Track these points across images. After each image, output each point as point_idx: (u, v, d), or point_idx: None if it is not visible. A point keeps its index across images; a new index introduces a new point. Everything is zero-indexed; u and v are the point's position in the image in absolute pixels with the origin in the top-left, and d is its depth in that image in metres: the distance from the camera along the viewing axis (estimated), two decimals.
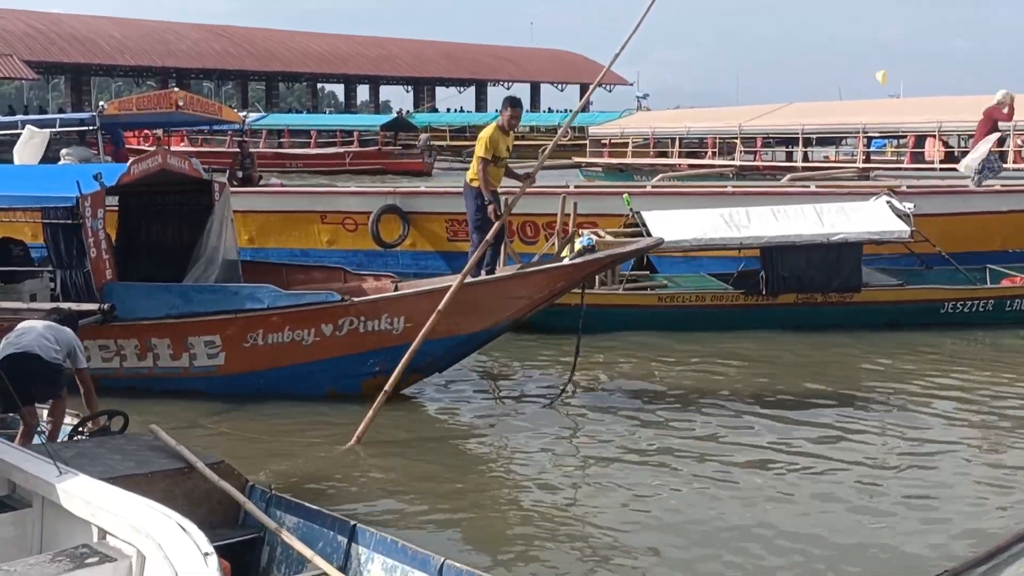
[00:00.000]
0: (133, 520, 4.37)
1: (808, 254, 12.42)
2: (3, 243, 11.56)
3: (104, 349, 9.76)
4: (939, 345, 12.21)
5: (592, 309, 11.11)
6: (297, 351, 9.67)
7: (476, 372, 11.32)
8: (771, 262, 12.47)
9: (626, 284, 12.85)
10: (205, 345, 9.77)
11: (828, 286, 12.52)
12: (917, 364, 11.47)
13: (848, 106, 35.39)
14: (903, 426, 9.31)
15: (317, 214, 16.85)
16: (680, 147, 35.28)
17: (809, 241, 12.39)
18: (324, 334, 9.62)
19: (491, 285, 9.78)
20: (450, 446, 9.10)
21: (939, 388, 10.59)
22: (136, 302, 9.82)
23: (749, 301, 12.55)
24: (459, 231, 16.45)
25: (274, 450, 8.63)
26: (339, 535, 5.56)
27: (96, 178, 9.63)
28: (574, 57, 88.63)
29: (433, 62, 76.68)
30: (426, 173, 39.98)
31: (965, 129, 28.69)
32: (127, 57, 60.44)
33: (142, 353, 9.86)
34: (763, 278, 12.50)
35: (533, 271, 10.03)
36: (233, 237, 11.31)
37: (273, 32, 72.84)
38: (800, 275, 12.44)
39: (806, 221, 12.59)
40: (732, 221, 12.58)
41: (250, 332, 9.68)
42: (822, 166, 29.46)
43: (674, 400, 10.16)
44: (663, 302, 12.56)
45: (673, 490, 7.78)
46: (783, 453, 8.58)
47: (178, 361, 9.85)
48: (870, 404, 10.01)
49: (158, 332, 9.81)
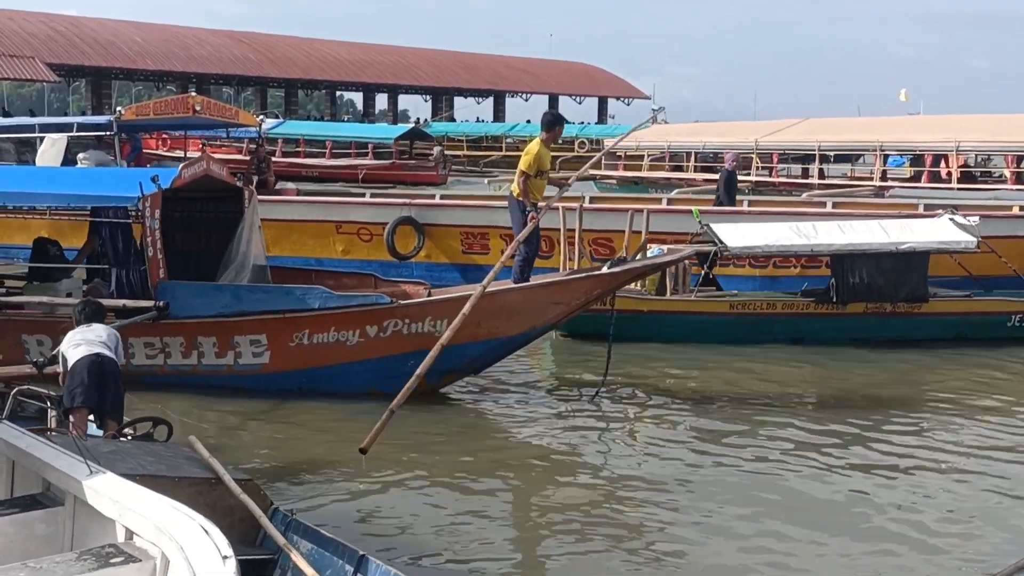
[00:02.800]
0: (158, 520, 4.38)
1: (878, 262, 12.64)
2: (41, 243, 11.75)
3: (149, 346, 9.97)
4: (1005, 359, 12.27)
5: (664, 316, 12.14)
6: (341, 351, 9.97)
7: (520, 376, 11.56)
8: (842, 269, 12.67)
9: (697, 292, 12.96)
10: (251, 344, 10.02)
11: (896, 295, 12.71)
12: (986, 379, 11.56)
13: (865, 123, 35.27)
14: (968, 443, 9.26)
15: (332, 224, 16.90)
16: (696, 161, 35.23)
17: (879, 249, 12.59)
18: (368, 335, 9.94)
19: (532, 291, 10.24)
20: (483, 453, 9.05)
21: (1011, 404, 10.62)
22: (188, 300, 9.98)
23: (819, 310, 12.69)
24: (474, 244, 16.49)
25: (305, 461, 8.68)
26: (348, 564, 5.58)
27: (154, 180, 9.87)
28: (593, 69, 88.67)
29: (452, 72, 76.83)
30: (440, 183, 40.06)
31: (983, 148, 28.61)
32: (148, 61, 60.74)
33: (187, 351, 10.06)
34: (833, 285, 12.67)
35: (572, 278, 10.51)
36: (261, 243, 11.48)
37: (293, 39, 73.09)
38: (870, 283, 12.65)
39: (872, 233, 12.84)
40: (801, 232, 12.82)
41: (296, 332, 9.95)
42: (839, 184, 29.38)
43: (733, 409, 10.23)
44: (734, 309, 12.69)
45: (727, 502, 7.74)
46: (835, 463, 8.63)
47: (223, 359, 10.07)
48: (936, 419, 10.07)
49: (205, 330, 9.99)
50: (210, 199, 11.44)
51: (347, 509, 7.55)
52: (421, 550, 6.83)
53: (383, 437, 8.78)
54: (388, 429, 8.75)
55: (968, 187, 26.87)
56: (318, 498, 7.73)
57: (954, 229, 12.88)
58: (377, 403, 9.76)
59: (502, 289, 10.38)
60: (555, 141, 11.01)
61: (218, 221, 11.42)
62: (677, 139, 37.87)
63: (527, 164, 10.51)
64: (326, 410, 9.96)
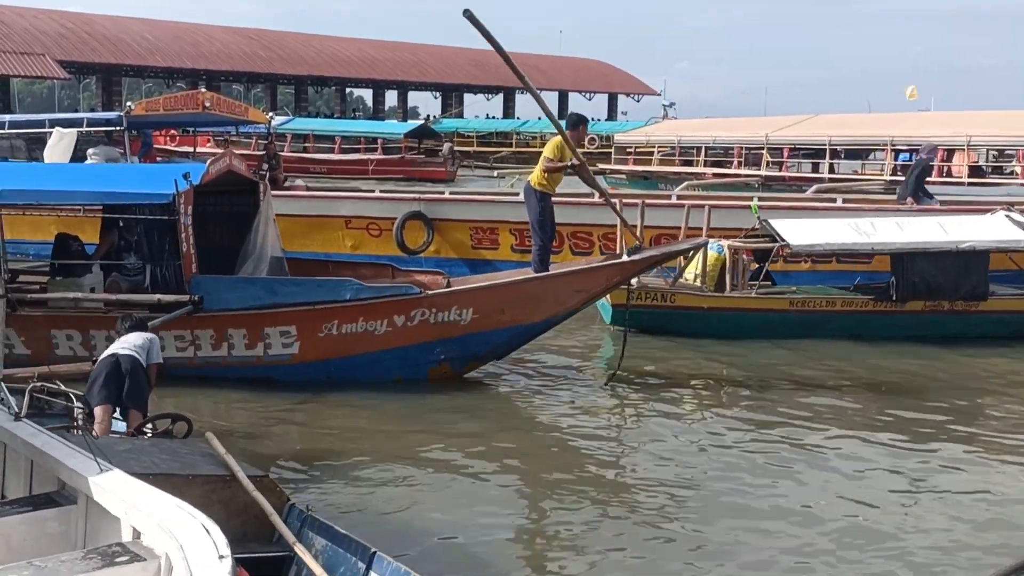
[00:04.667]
0: (161, 519, 4.38)
1: (938, 261, 12.66)
2: (63, 238, 11.85)
3: (180, 339, 10.10)
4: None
5: (724, 312, 12.39)
6: (369, 340, 10.17)
7: (564, 369, 11.69)
8: (902, 268, 12.72)
9: (758, 289, 12.98)
10: (281, 335, 10.20)
11: (956, 293, 12.73)
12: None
13: (876, 119, 35.16)
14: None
15: (342, 219, 16.89)
16: (706, 156, 35.17)
17: (939, 248, 12.64)
18: (396, 324, 10.16)
19: (555, 280, 10.59)
20: (510, 445, 9.01)
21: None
22: (221, 294, 10.14)
23: (878, 307, 12.76)
24: (483, 239, 16.47)
25: (328, 454, 8.69)
26: (360, 561, 5.57)
27: (186, 177, 10.03)
28: (602, 66, 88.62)
29: (461, 69, 76.82)
30: (449, 179, 40.11)
31: (994, 143, 28.52)
32: (158, 58, 60.90)
33: (217, 343, 10.20)
34: (893, 284, 12.73)
35: (592, 267, 10.85)
36: (277, 236, 11.58)
37: (303, 36, 73.21)
38: (929, 281, 12.67)
39: (931, 231, 12.90)
40: (860, 229, 12.90)
41: (326, 323, 10.14)
42: (849, 178, 29.30)
43: (784, 401, 10.25)
44: (794, 306, 12.76)
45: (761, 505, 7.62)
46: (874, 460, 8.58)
47: (253, 350, 10.23)
48: (993, 419, 10.00)
49: (235, 323, 10.16)
50: (226, 193, 11.50)
51: (367, 503, 7.51)
52: (438, 546, 6.79)
53: (403, 429, 8.99)
54: (411, 420, 9.09)
55: (978, 181, 26.80)
56: (337, 493, 7.70)
57: (1012, 227, 13.01)
58: (399, 398, 10.02)
59: (524, 278, 10.73)
60: (578, 142, 11.28)
61: (233, 215, 11.50)
62: (687, 134, 37.83)
63: (551, 152, 10.85)
64: (349, 404, 10.04)
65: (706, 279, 12.83)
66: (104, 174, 12.32)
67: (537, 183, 11.05)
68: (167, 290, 10.13)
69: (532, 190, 11.10)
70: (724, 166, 34.44)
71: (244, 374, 10.21)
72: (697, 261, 12.86)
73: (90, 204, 11.86)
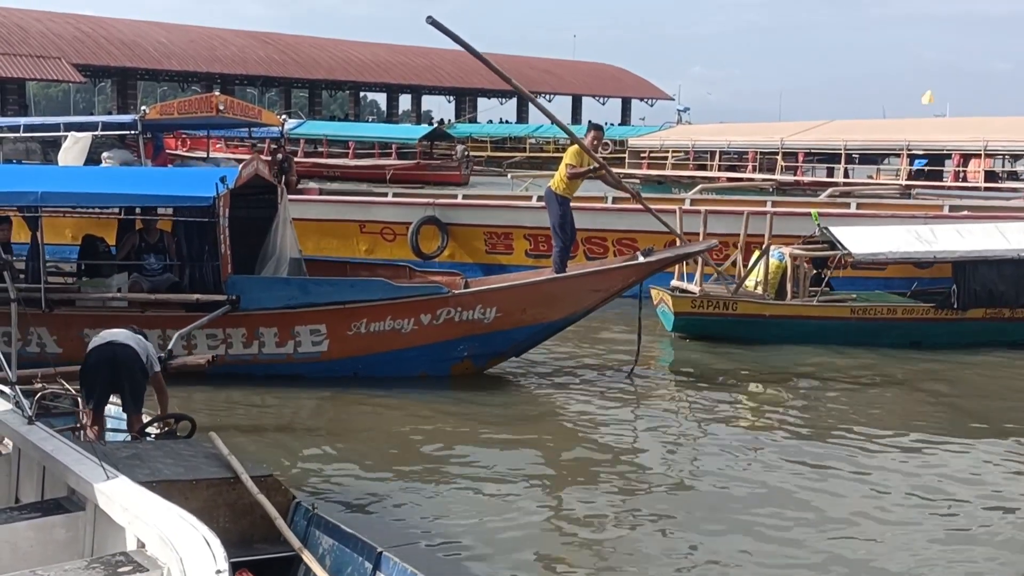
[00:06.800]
0: (163, 531, 4.37)
1: (1000, 268, 12.73)
2: (90, 240, 11.96)
3: (212, 337, 10.29)
4: None
5: (786, 320, 12.59)
6: (396, 338, 10.51)
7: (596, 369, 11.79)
8: (964, 276, 12.75)
9: (820, 297, 12.99)
10: (311, 333, 10.48)
11: (1018, 301, 12.79)
12: None
13: (891, 124, 35.06)
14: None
15: (356, 223, 16.89)
16: (720, 160, 35.10)
17: (1001, 256, 12.71)
18: (422, 323, 10.52)
19: (575, 280, 11.03)
20: (526, 445, 9.05)
21: None
22: (257, 294, 10.41)
23: (939, 315, 12.79)
24: (497, 244, 16.45)
25: (338, 451, 8.70)
26: (366, 561, 5.54)
27: (223, 181, 10.29)
28: (616, 71, 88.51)
29: (475, 73, 76.64)
30: (463, 183, 40.11)
31: (1011, 149, 28.39)
32: (173, 62, 61.06)
33: (248, 341, 10.43)
34: (954, 292, 12.77)
35: (610, 268, 11.28)
36: (294, 238, 11.77)
37: (317, 40, 73.31)
38: (991, 289, 12.73)
39: (991, 238, 12.96)
40: (921, 237, 12.94)
41: (355, 321, 10.46)
42: (864, 183, 29.19)
43: (837, 416, 10.17)
44: (855, 315, 12.79)
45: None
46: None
47: (283, 348, 10.50)
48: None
49: (267, 321, 10.41)
50: (245, 196, 11.56)
51: (376, 502, 7.48)
52: (446, 546, 6.76)
53: (416, 428, 9.11)
54: (424, 418, 9.31)
55: (994, 187, 26.67)
56: (346, 491, 7.68)
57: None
58: (414, 395, 10.19)
59: (545, 278, 11.13)
60: (594, 147, 11.72)
61: (251, 218, 11.57)
62: (702, 138, 37.78)
63: (572, 158, 11.24)
64: (363, 401, 10.13)
65: (767, 287, 12.84)
66: (145, 177, 12.65)
67: (558, 187, 11.35)
68: (204, 290, 10.33)
69: (553, 194, 11.44)
70: (738, 171, 34.40)
71: (273, 372, 10.41)
72: (759, 269, 12.91)
73: (130, 206, 11.85)
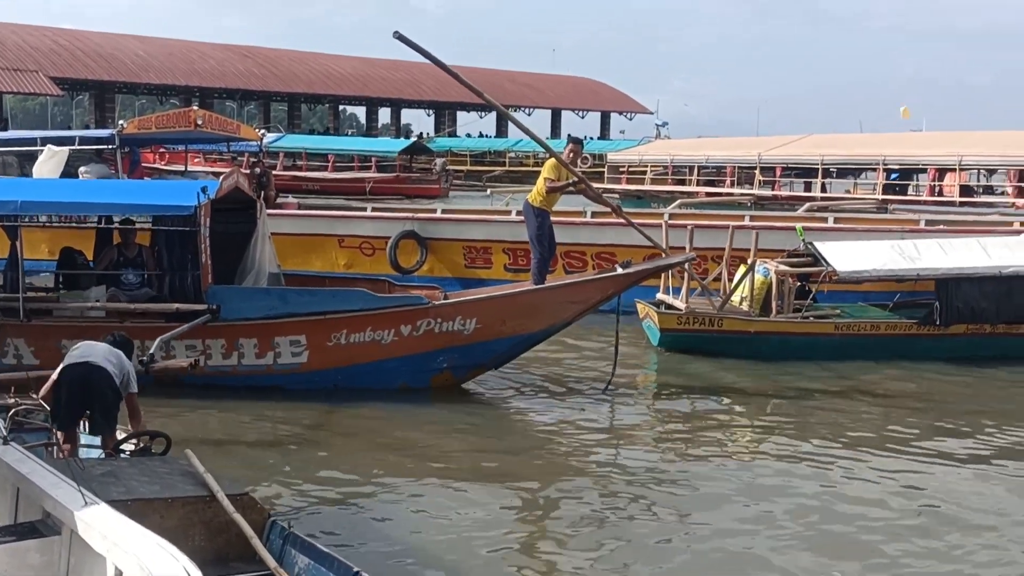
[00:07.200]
0: (143, 559, 4.30)
1: (981, 285, 12.83)
2: (68, 252, 11.92)
3: (191, 349, 10.22)
4: None
5: (772, 336, 12.66)
6: (375, 349, 10.47)
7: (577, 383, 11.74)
8: (946, 293, 12.85)
9: (804, 313, 13.06)
10: (291, 344, 10.43)
11: (999, 317, 12.90)
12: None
13: (868, 138, 35.30)
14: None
15: (335, 238, 16.87)
16: (699, 175, 35.26)
17: (983, 273, 12.81)
18: (402, 334, 10.48)
19: (554, 291, 11.08)
20: (503, 459, 9.04)
21: None
22: (237, 304, 10.36)
23: (921, 331, 12.90)
24: (476, 258, 16.46)
25: (315, 467, 8.63)
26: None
27: (204, 191, 10.30)
28: (595, 84, 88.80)
29: (454, 87, 75.56)
30: (442, 196, 40.15)
31: (986, 163, 28.65)
32: (151, 75, 60.82)
33: (228, 352, 10.37)
34: (937, 308, 12.86)
35: (589, 279, 11.36)
36: (273, 252, 11.76)
37: (296, 53, 73.23)
38: (973, 306, 12.84)
39: (973, 253, 13.07)
40: (904, 253, 13.04)
41: (335, 332, 10.41)
42: (841, 197, 29.38)
43: (811, 424, 10.27)
44: (839, 330, 12.88)
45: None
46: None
47: (263, 359, 10.43)
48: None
49: (247, 332, 10.35)
50: (224, 211, 11.54)
51: (353, 520, 7.43)
52: (423, 565, 6.73)
53: (394, 443, 9.06)
54: (402, 434, 9.27)
55: (969, 201, 26.90)
56: (323, 508, 7.63)
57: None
58: (393, 409, 10.12)
59: (524, 290, 11.17)
60: (574, 160, 11.81)
61: (230, 233, 11.55)
62: (680, 153, 37.93)
63: (552, 171, 11.33)
64: (343, 415, 10.11)
65: (753, 303, 12.92)
66: (126, 188, 12.70)
67: (535, 200, 11.50)
68: (184, 300, 10.30)
69: (531, 207, 11.59)
70: (717, 185, 34.55)
71: (252, 383, 10.34)
72: (744, 285, 12.94)
73: (112, 215, 11.85)
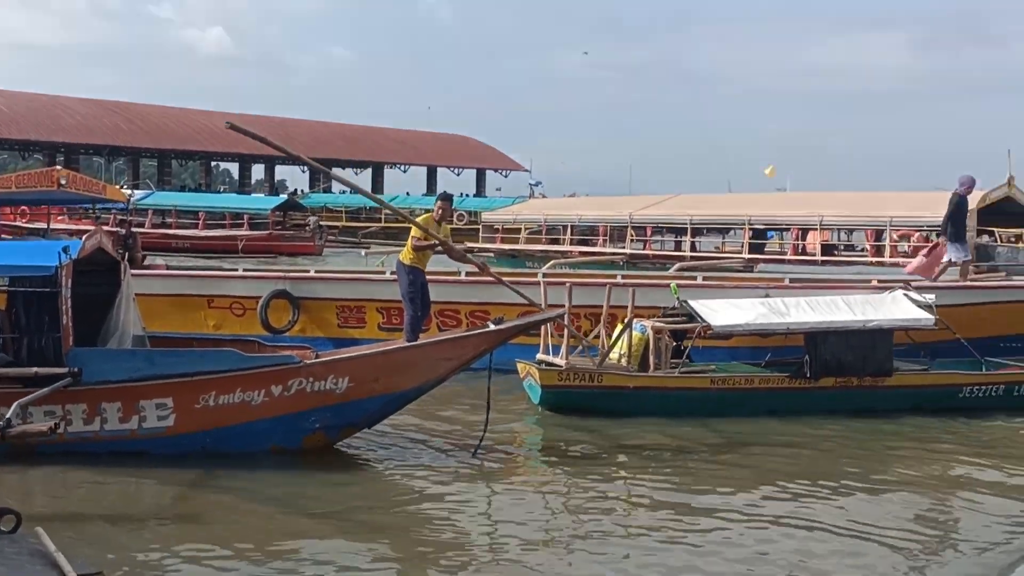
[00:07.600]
0: None
1: (848, 339, 13.20)
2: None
3: (50, 415, 9.70)
4: (956, 428, 12.72)
5: (650, 391, 12.73)
6: (245, 410, 10.14)
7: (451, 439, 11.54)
8: (815, 346, 13.17)
9: (681, 368, 13.17)
10: (156, 407, 10.06)
11: (864, 370, 13.25)
12: (946, 446, 11.87)
13: (734, 199, 36.50)
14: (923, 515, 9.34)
15: (204, 298, 16.50)
16: (572, 234, 35.83)
17: (849, 327, 13.19)
18: (273, 394, 10.17)
19: (427, 348, 11.00)
20: (379, 519, 8.82)
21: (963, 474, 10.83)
22: (100, 365, 9.98)
23: (793, 384, 13.20)
24: (350, 317, 16.32)
25: (177, 542, 8.17)
26: None
27: (66, 251, 10.03)
28: (470, 141, 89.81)
29: (331, 143, 76.72)
30: (316, 253, 39.82)
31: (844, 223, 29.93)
32: (12, 131, 59.05)
33: (89, 417, 9.95)
34: (807, 362, 13.16)
35: (462, 335, 11.31)
36: (137, 315, 11.45)
37: (167, 109, 72.15)
38: (841, 359, 13.18)
39: (839, 310, 13.47)
40: (775, 309, 13.38)
41: (203, 394, 10.08)
42: (709, 255, 30.23)
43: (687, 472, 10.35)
44: (715, 385, 13.06)
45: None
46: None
47: (127, 424, 10.03)
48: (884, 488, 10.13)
49: (110, 396, 9.95)
50: (86, 272, 11.24)
51: None
52: None
53: (267, 511, 8.84)
54: (274, 499, 9.01)
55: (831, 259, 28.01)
56: None
57: (912, 306, 13.72)
58: (263, 475, 9.79)
59: (397, 347, 11.11)
60: (444, 217, 12.09)
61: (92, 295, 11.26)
62: (554, 212, 38.53)
63: (417, 232, 11.57)
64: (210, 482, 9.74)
65: (631, 359, 13.08)
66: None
67: (406, 258, 11.80)
68: (44, 363, 9.90)
69: (402, 265, 11.92)
70: (590, 243, 35.15)
71: (115, 448, 9.94)
72: (622, 342, 13.09)
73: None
